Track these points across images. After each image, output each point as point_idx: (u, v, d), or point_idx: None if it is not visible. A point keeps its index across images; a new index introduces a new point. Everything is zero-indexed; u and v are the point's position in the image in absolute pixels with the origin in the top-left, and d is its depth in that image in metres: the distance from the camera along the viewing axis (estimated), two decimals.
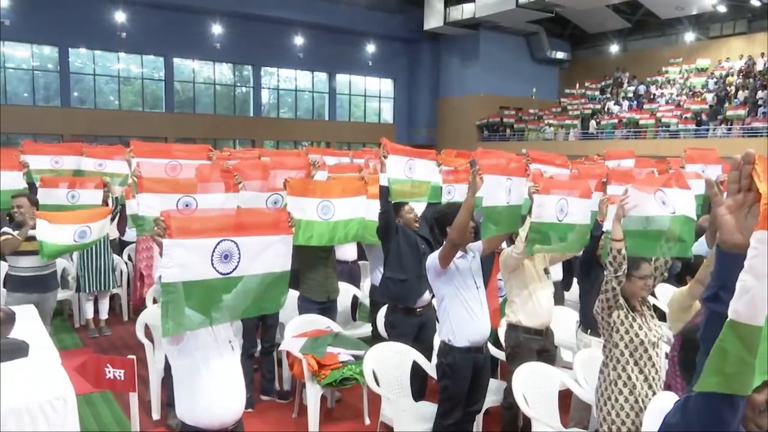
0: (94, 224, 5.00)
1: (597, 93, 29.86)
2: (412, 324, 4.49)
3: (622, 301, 3.16)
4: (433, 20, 30.41)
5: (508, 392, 3.88)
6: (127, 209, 6.00)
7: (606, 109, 27.30)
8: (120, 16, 24.52)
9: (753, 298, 1.03)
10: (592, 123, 26.52)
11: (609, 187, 4.16)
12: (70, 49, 24.86)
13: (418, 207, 4.87)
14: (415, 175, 4.54)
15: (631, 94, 27.96)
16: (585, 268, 4.23)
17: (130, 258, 7.41)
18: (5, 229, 5.00)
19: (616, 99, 28.04)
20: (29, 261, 4.99)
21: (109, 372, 3.19)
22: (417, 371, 4.22)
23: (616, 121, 25.62)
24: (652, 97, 26.47)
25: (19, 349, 3.47)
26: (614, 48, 31.24)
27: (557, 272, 4.84)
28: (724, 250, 1.16)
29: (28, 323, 4.06)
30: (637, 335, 3.13)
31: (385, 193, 4.35)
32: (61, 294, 6.84)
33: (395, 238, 4.50)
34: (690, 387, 1.49)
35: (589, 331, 4.14)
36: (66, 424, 2.95)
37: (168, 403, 4.42)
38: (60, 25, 23.02)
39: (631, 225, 3.32)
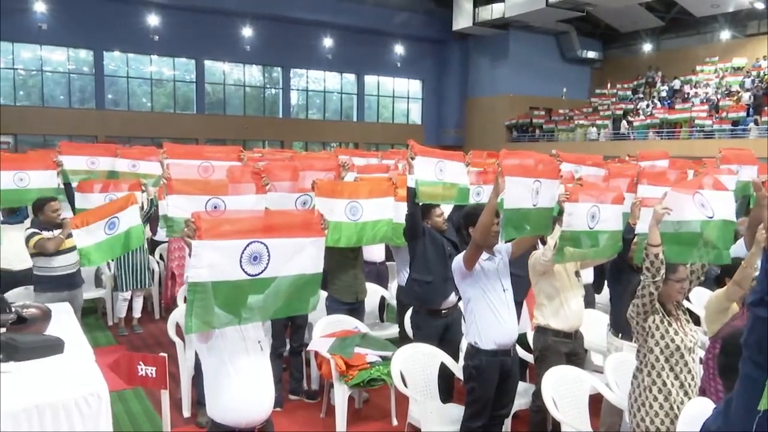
0: (121, 213, 4.94)
1: (629, 93, 29.36)
2: (437, 325, 4.48)
3: (657, 305, 3.10)
4: (461, 20, 30.26)
5: (537, 395, 3.83)
6: (159, 210, 6.10)
7: (638, 109, 26.83)
8: (153, 20, 24.98)
9: None
10: (624, 123, 26.08)
11: (641, 187, 4.08)
12: (104, 52, 25.42)
13: (445, 209, 4.86)
14: (446, 177, 4.53)
15: (664, 94, 27.42)
16: (616, 271, 4.16)
17: (161, 257, 7.53)
18: (34, 230, 5.08)
19: (649, 99, 27.54)
20: (61, 260, 5.07)
21: (142, 369, 3.25)
22: (444, 372, 4.21)
23: (648, 121, 25.15)
24: (686, 96, 25.93)
25: (55, 346, 3.55)
26: (647, 47, 30.67)
27: (588, 275, 4.77)
28: None
29: (64, 320, 4.16)
30: (672, 340, 3.07)
31: (412, 194, 4.34)
32: (95, 292, 7.01)
33: (422, 240, 4.50)
34: (729, 392, 1.46)
35: (620, 334, 4.07)
36: (100, 419, 3.01)
37: (198, 401, 4.49)
38: (95, 29, 23.56)
39: (664, 228, 3.25)
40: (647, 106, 26.69)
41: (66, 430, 2.91)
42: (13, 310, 3.82)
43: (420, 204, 4.43)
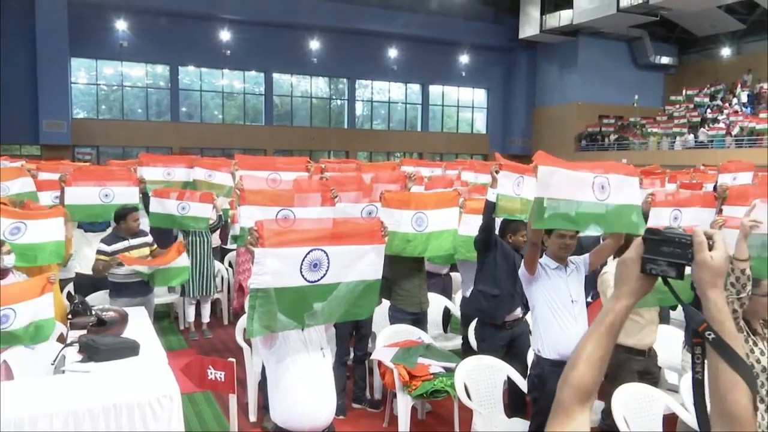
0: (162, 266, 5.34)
1: (707, 99, 28.05)
2: (503, 337, 4.41)
3: (742, 323, 2.93)
4: (528, 28, 29.81)
5: (607, 414, 3.69)
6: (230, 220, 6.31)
7: (716, 116, 25.58)
8: (224, 35, 25.91)
9: None
10: (702, 131, 24.91)
11: (726, 208, 3.86)
12: (179, 67, 26.54)
13: None
14: (523, 192, 4.46)
15: (745, 99, 26.04)
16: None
17: (230, 264, 7.76)
18: (101, 246, 5.33)
19: (730, 105, 26.22)
20: (129, 269, 5.29)
21: (211, 373, 3.35)
22: (514, 387, 4.12)
23: (726, 129, 23.93)
24: None
25: (132, 348, 3.71)
26: (726, 51, 29.21)
27: None
28: None
29: (139, 324, 4.34)
30: (758, 361, 2.89)
31: (490, 208, 4.30)
32: (168, 297, 7.29)
33: (493, 253, 4.45)
34: None
35: None
36: (172, 420, 3.11)
37: (264, 406, 4.57)
38: (171, 46, 24.67)
39: (753, 242, 3.07)
40: (725, 112, 25.42)
41: (140, 430, 3.03)
42: (94, 313, 4.03)
43: (508, 220, 4.43)
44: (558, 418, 1.18)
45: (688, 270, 1.21)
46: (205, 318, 7.09)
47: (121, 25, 24.24)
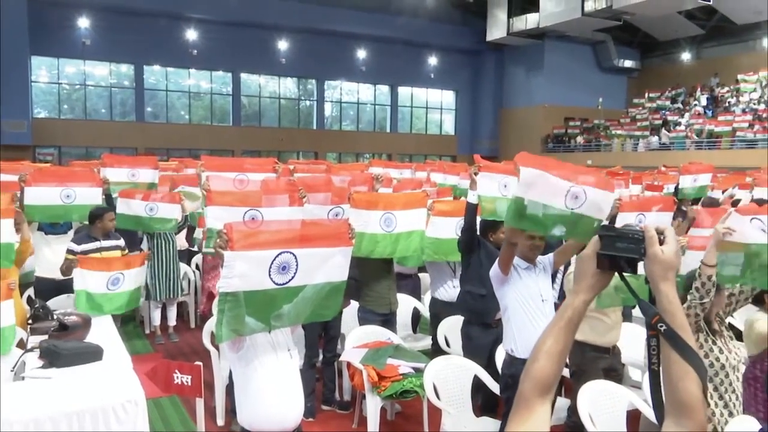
0: (127, 271, 4.96)
1: (668, 102, 28.76)
2: (488, 337, 4.43)
3: (702, 323, 3.01)
4: (496, 31, 30.14)
5: (573, 411, 3.76)
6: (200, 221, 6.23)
7: (678, 119, 26.25)
8: (191, 35, 25.58)
9: None
10: (664, 133, 25.53)
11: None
12: (145, 66, 26.10)
13: None
14: (510, 192, 4.51)
15: (704, 103, 26.78)
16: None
17: (198, 267, 7.65)
18: (71, 245, 5.21)
19: (689, 108, 26.93)
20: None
21: (178, 377, 3.30)
22: (484, 386, 4.16)
23: (686, 131, 24.58)
24: (727, 106, 25.29)
25: (95, 353, 3.63)
26: (687, 56, 30.03)
27: None
28: None
29: (103, 328, 4.25)
30: (717, 359, 2.97)
31: (472, 210, 4.33)
32: None
33: (477, 253, 4.48)
34: None
35: None
36: (137, 425, 3.06)
37: (232, 410, 4.51)
38: (136, 45, 24.23)
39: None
40: (687, 113, 26.10)
41: None
42: (55, 317, 3.94)
43: (488, 220, 4.47)
44: (520, 410, 1.22)
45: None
46: (171, 321, 6.98)
47: (83, 22, 23.72)
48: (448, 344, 4.91)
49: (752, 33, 27.27)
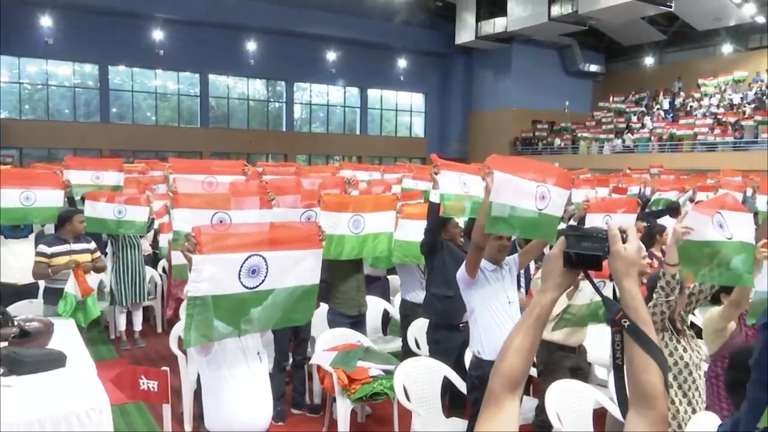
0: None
1: (632, 106, 29.42)
2: (456, 340, 4.43)
3: (667, 323, 3.07)
4: (464, 34, 30.44)
5: (541, 410, 3.81)
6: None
7: (641, 123, 26.85)
8: (158, 35, 25.20)
9: None
10: (628, 135, 26.10)
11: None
12: (109, 66, 25.63)
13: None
14: (470, 190, 4.53)
15: (666, 106, 27.46)
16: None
17: (164, 270, 7.53)
18: (41, 247, 5.10)
19: (652, 112, 27.58)
20: (66, 274, 5.09)
21: (144, 383, 3.24)
22: (454, 388, 4.18)
23: (650, 134, 25.18)
24: (689, 109, 25.98)
25: (58, 360, 3.55)
26: (650, 60, 30.79)
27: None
28: None
29: (66, 334, 4.15)
30: (681, 357, 3.04)
31: (434, 210, 4.33)
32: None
33: (440, 255, 4.48)
34: (737, 407, 1.44)
35: None
36: None
37: (199, 415, 4.45)
38: (100, 44, 23.76)
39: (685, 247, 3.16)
40: (650, 119, 26.72)
41: None
42: (16, 323, 3.84)
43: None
44: (489, 406, 1.25)
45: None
46: (137, 326, 6.85)
47: (46, 21, 23.16)
48: (418, 346, 4.93)
49: (712, 39, 28.11)
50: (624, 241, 1.28)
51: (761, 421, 1.11)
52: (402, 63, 31.19)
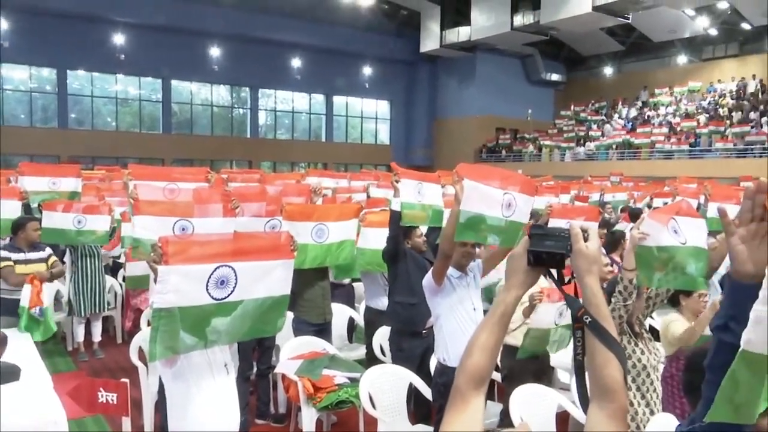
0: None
1: (592, 114, 30.09)
2: (420, 346, 4.45)
3: (626, 326, 3.14)
4: (429, 42, 30.74)
5: (505, 414, 3.84)
6: (122, 231, 6.00)
7: (601, 131, 27.47)
8: (119, 39, 24.74)
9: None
10: (588, 144, 26.67)
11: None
12: (68, 71, 25.04)
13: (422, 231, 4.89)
14: (424, 199, 4.55)
15: (624, 115, 28.18)
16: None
17: (124, 279, 7.36)
18: (3, 253, 4.95)
19: (611, 120, 28.25)
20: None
21: (102, 396, 3.16)
22: (420, 395, 4.18)
23: (610, 142, 25.78)
24: (645, 118, 26.70)
25: (11, 373, 3.44)
26: (609, 70, 31.59)
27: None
28: (736, 281, 1.15)
29: (21, 346, 4.03)
30: (639, 360, 3.11)
31: (396, 218, 4.34)
32: (55, 316, 6.80)
33: (403, 262, 4.49)
34: (693, 409, 1.48)
35: None
36: None
37: (161, 428, 4.37)
38: (59, 47, 23.20)
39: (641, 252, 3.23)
40: (609, 125, 27.36)
41: None
42: None
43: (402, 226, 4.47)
44: (455, 403, 1.28)
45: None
46: (96, 337, 6.67)
47: (0, 24, 22.48)
48: (383, 353, 4.92)
49: (668, 50, 29.02)
50: (585, 239, 1.32)
51: (706, 416, 1.15)
52: (367, 70, 31.29)
